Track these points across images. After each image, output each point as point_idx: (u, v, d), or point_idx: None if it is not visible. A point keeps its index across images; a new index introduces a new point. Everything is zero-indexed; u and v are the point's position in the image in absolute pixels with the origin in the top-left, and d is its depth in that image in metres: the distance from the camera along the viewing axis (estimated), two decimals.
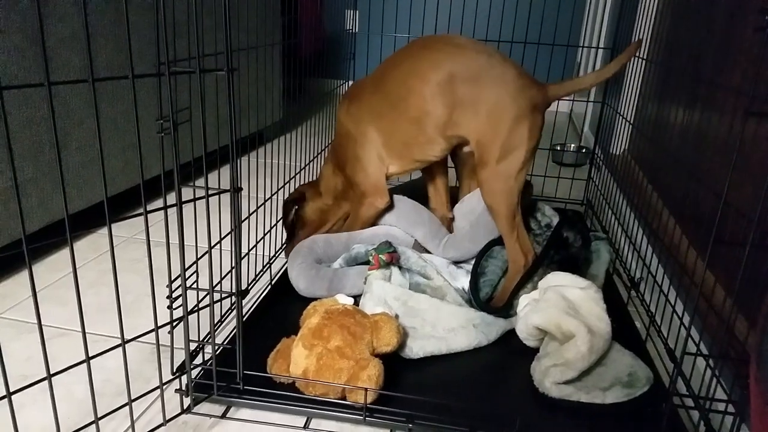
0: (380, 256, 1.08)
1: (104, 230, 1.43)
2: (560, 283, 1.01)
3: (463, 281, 1.15)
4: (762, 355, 0.48)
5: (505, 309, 1.07)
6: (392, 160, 1.19)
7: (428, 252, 1.25)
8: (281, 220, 1.30)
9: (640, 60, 1.60)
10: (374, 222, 1.27)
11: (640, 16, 1.68)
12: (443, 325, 1.01)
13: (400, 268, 1.13)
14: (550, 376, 0.88)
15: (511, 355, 1.00)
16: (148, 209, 0.67)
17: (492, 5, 3.45)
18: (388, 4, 3.66)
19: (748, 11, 1.02)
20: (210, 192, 0.73)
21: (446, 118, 1.11)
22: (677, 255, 1.11)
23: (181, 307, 0.77)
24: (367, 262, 1.12)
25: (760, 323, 0.49)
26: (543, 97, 1.09)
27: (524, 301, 1.05)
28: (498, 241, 1.19)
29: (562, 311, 0.93)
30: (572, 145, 2.40)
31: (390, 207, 1.26)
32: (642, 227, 1.36)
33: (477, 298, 1.08)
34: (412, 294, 1.05)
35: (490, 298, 1.12)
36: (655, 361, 1.00)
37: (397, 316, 0.97)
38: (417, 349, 0.96)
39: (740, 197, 0.92)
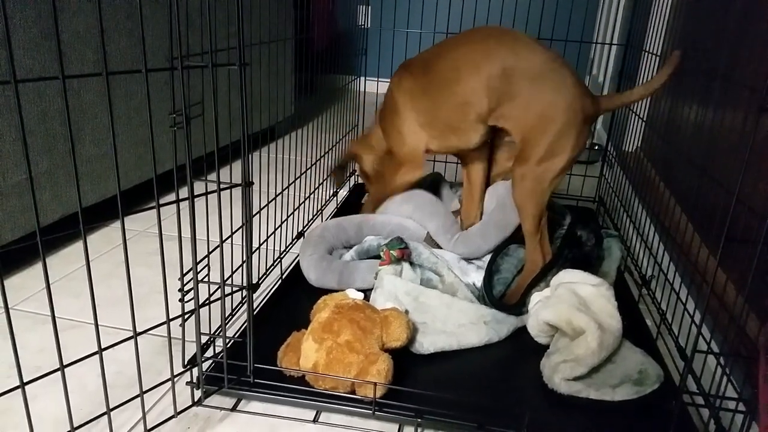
0: (391, 251, 1.08)
1: (117, 224, 1.44)
2: (572, 280, 1.01)
3: (474, 277, 1.15)
4: None
5: (518, 307, 1.07)
6: (432, 139, 1.21)
7: (439, 247, 1.25)
8: (335, 186, 1.42)
9: (653, 56, 1.59)
10: (398, 207, 1.30)
11: (654, 12, 1.67)
12: (454, 321, 1.01)
13: (411, 263, 1.13)
14: (560, 372, 0.88)
15: (521, 351, 1.00)
16: (160, 203, 0.68)
17: (505, 1, 3.43)
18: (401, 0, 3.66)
19: (763, 6, 1.00)
20: (222, 186, 0.73)
21: (490, 109, 1.11)
22: (689, 253, 1.10)
23: (192, 301, 0.78)
24: (379, 256, 1.12)
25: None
26: (595, 108, 1.09)
27: (536, 298, 1.04)
28: (513, 240, 1.19)
29: (572, 307, 0.93)
30: None
31: (407, 198, 1.27)
32: (654, 225, 1.36)
33: (490, 295, 1.08)
34: (423, 290, 1.06)
35: (503, 296, 1.12)
36: (666, 359, 1.00)
37: (407, 312, 0.97)
38: (428, 344, 0.96)
39: (753, 194, 0.91)
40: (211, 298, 0.89)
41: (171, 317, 0.75)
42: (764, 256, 0.68)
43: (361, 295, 0.98)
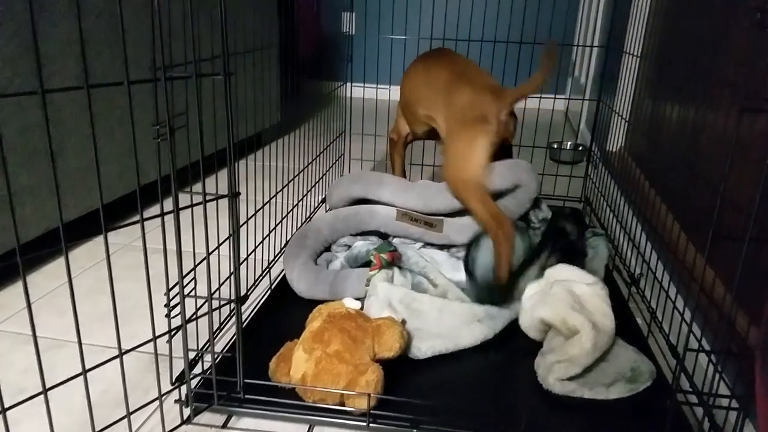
0: (382, 255, 1.07)
1: (101, 238, 1.42)
2: (568, 278, 1.01)
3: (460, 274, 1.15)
4: None
5: (510, 289, 1.07)
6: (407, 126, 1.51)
7: (415, 220, 1.25)
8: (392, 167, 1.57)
9: (633, 57, 1.60)
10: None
11: (634, 14, 1.68)
12: (448, 324, 1.01)
13: (400, 268, 1.12)
14: (554, 372, 0.88)
15: (513, 353, 1.00)
16: (145, 215, 0.66)
17: (488, 6, 3.45)
18: (385, 6, 3.66)
19: (742, 7, 1.01)
20: (208, 198, 0.72)
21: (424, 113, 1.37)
22: (676, 251, 1.10)
23: (179, 316, 0.77)
24: (369, 263, 1.11)
25: (764, 324, 0.48)
26: (497, 105, 1.19)
27: (530, 290, 1.05)
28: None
29: (568, 306, 0.93)
30: (569, 143, 2.40)
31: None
32: (641, 223, 1.36)
33: (476, 288, 1.09)
34: (415, 296, 1.05)
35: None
36: (657, 357, 1.00)
37: (404, 321, 0.97)
38: (425, 348, 0.96)
39: (737, 191, 0.91)
40: (198, 313, 0.87)
41: (157, 334, 0.74)
42: (751, 252, 0.68)
43: (358, 304, 0.97)
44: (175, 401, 0.83)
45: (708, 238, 0.71)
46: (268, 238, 1.26)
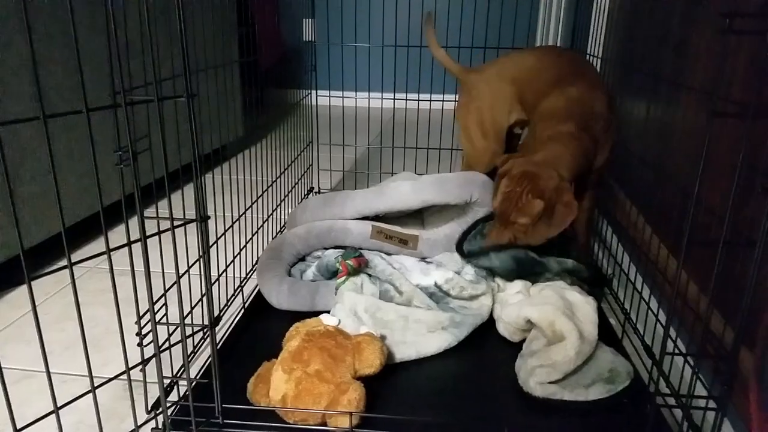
0: (347, 261, 1.08)
1: (65, 261, 1.38)
2: (562, 286, 1.02)
3: (436, 275, 1.15)
4: (764, 381, 0.47)
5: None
6: None
7: (388, 237, 1.25)
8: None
9: (596, 59, 1.62)
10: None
11: (595, 17, 1.70)
12: (413, 332, 1.01)
13: (369, 275, 1.12)
14: (536, 376, 0.88)
15: (488, 360, 1.00)
16: (111, 237, 0.64)
17: (451, 13, 3.47)
18: (347, 13, 3.65)
19: (707, 14, 1.03)
20: (176, 223, 0.70)
21: None
22: (648, 252, 1.12)
23: (152, 344, 0.74)
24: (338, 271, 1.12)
25: (759, 347, 0.49)
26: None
27: (514, 288, 1.06)
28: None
29: (559, 310, 0.94)
30: None
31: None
32: (611, 225, 1.38)
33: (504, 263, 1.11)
34: (380, 305, 1.05)
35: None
36: (633, 357, 1.01)
37: (383, 337, 0.96)
38: (395, 356, 0.96)
39: (706, 194, 0.93)
40: (172, 339, 0.85)
41: (130, 365, 0.71)
42: (724, 254, 0.69)
43: (335, 320, 0.96)
44: (153, 429, 0.81)
45: (679, 240, 0.71)
46: (239, 256, 1.23)
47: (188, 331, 0.76)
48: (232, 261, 1.19)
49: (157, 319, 0.74)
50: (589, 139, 1.13)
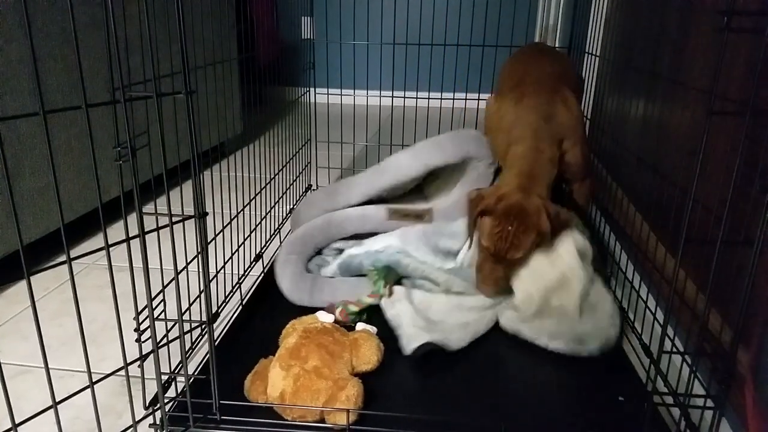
0: (347, 309, 1.05)
1: (64, 256, 1.38)
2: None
3: (458, 256, 1.16)
4: (760, 377, 0.48)
5: None
6: None
7: (406, 215, 1.26)
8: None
9: (594, 57, 1.63)
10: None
11: (594, 16, 1.71)
12: (467, 318, 1.07)
13: (399, 283, 1.16)
14: (504, 315, 1.06)
15: (486, 360, 1.00)
16: (109, 233, 0.64)
17: (449, 11, 3.46)
18: (345, 11, 3.65)
19: (703, 12, 1.03)
20: (174, 219, 0.70)
21: None
22: (646, 250, 1.12)
23: (150, 340, 0.74)
24: (363, 275, 1.16)
25: (754, 344, 0.49)
26: None
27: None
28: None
29: (542, 287, 1.04)
30: None
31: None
32: (609, 224, 1.38)
33: None
34: (425, 312, 1.08)
35: None
36: (630, 356, 1.01)
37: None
38: (456, 341, 1.01)
39: (703, 191, 0.93)
40: (170, 335, 0.85)
41: (128, 360, 0.71)
42: (721, 252, 0.69)
43: (331, 318, 0.96)
44: (150, 425, 0.81)
45: (677, 239, 0.72)
46: (237, 252, 1.23)
47: (186, 327, 0.76)
48: (230, 257, 1.19)
49: (155, 315, 0.74)
50: (551, 148, 1.16)
